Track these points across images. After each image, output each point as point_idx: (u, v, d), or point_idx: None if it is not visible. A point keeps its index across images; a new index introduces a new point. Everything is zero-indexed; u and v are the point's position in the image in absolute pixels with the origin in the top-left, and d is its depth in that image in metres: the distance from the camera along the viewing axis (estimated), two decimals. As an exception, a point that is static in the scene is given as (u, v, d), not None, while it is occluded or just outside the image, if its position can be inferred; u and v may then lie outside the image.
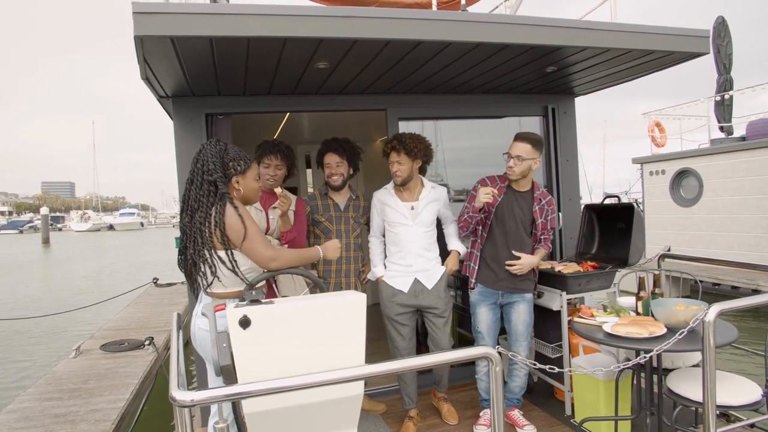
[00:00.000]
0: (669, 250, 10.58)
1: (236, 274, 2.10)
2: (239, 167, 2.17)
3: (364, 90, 3.69)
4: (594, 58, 3.07)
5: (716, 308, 1.97)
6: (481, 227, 3.09)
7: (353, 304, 1.72)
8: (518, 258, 3.02)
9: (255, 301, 1.67)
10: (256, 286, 2.17)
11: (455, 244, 3.33)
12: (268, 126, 5.64)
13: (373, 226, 3.37)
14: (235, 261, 2.09)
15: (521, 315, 3.10)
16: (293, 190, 7.28)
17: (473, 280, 3.13)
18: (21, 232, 53.59)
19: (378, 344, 4.88)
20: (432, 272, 3.21)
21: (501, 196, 3.04)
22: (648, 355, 2.15)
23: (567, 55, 2.96)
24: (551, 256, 4.32)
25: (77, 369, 4.40)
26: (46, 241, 36.56)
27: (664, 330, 2.33)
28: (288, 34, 2.27)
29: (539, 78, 3.61)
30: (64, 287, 16.13)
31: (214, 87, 3.22)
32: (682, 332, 2.13)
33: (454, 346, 4.08)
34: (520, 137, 2.93)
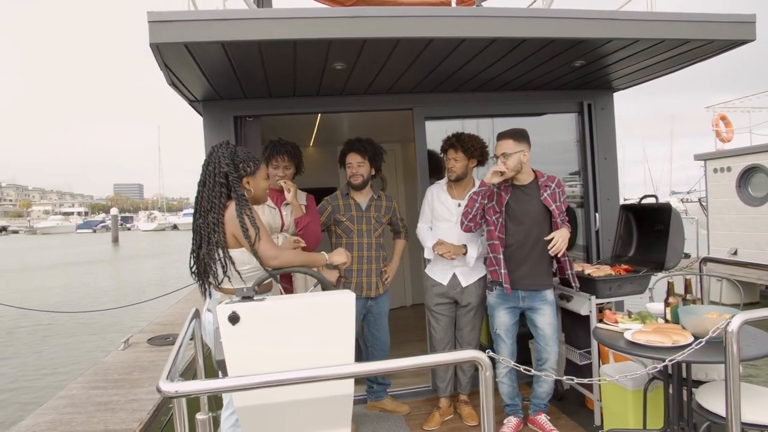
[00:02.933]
0: (735, 252, 9.90)
1: (254, 267, 2.15)
2: (249, 169, 2.22)
3: (389, 89, 3.68)
4: (623, 50, 2.91)
5: (741, 317, 1.81)
6: (497, 230, 3.00)
7: (341, 303, 1.72)
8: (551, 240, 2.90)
9: (247, 298, 1.71)
10: (264, 282, 2.23)
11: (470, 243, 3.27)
12: (304, 126, 5.73)
13: (422, 218, 3.47)
14: (258, 257, 2.14)
15: (547, 318, 3.00)
16: (332, 191, 7.40)
17: (493, 283, 3.06)
18: (94, 231, 57.58)
19: (413, 345, 4.89)
20: (470, 271, 3.28)
21: (508, 195, 2.97)
22: (660, 365, 2.01)
23: (592, 48, 2.82)
24: (587, 259, 4.14)
25: (124, 360, 4.67)
26: (115, 240, 39.04)
27: (690, 339, 2.17)
28: (296, 37, 2.30)
29: (570, 73, 3.46)
30: (130, 283, 17.17)
31: (239, 90, 3.32)
32: (700, 342, 1.97)
33: (484, 347, 4.01)
34: (500, 136, 2.96)
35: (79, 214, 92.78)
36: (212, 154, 2.21)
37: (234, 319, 1.64)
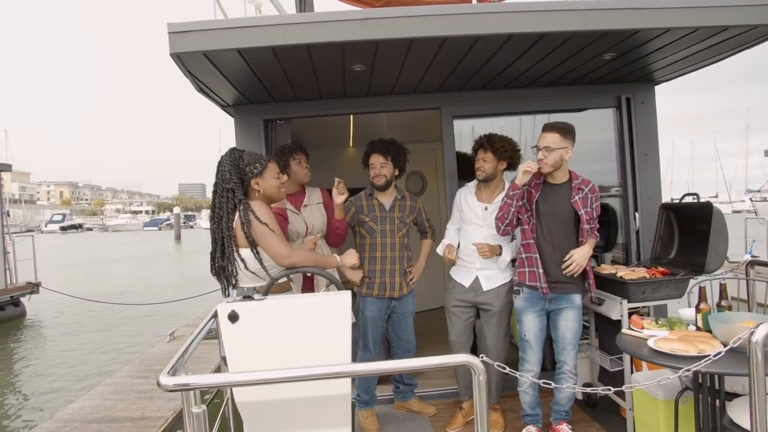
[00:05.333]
0: (811, 256, 9.08)
1: (262, 268, 2.22)
2: (255, 170, 2.28)
3: (415, 89, 3.67)
4: (655, 41, 2.75)
5: (767, 326, 1.67)
6: (527, 227, 2.91)
7: (337, 304, 1.74)
8: (568, 259, 2.81)
9: (248, 297, 1.76)
10: (279, 282, 2.30)
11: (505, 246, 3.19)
12: (341, 128, 5.80)
13: (451, 219, 3.48)
14: (260, 258, 2.22)
15: (569, 322, 2.89)
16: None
17: (520, 286, 2.97)
18: (160, 228, 60.80)
19: (446, 346, 4.83)
20: (494, 275, 3.22)
21: (538, 192, 2.86)
22: (674, 376, 1.89)
23: (619, 40, 2.69)
24: (626, 260, 3.96)
25: (168, 352, 4.92)
26: (177, 237, 41.09)
27: (719, 348, 2.03)
28: (307, 41, 2.34)
29: (603, 66, 3.31)
30: (190, 277, 18.03)
31: (266, 94, 3.42)
32: (720, 352, 1.84)
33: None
34: (547, 127, 2.79)
35: (146, 212, 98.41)
36: (220, 162, 2.30)
37: (233, 317, 1.70)
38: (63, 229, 59.21)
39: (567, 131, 2.78)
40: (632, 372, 3.06)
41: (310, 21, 2.33)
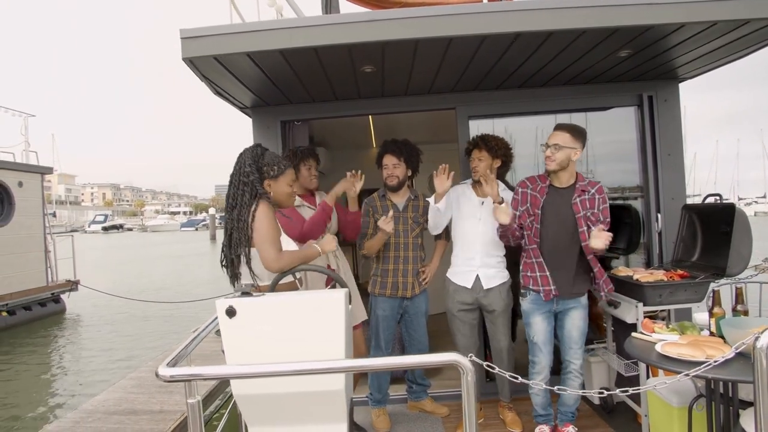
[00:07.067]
0: None
1: (250, 269, 2.25)
2: (272, 172, 2.30)
3: (429, 89, 3.67)
4: (672, 36, 2.67)
5: (774, 331, 1.61)
6: (533, 234, 2.87)
7: (332, 301, 1.77)
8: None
9: (246, 294, 1.81)
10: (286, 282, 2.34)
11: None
12: (362, 128, 5.84)
13: None
14: (249, 259, 2.23)
15: (575, 321, 2.86)
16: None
17: (527, 289, 2.93)
18: (196, 229, 62.37)
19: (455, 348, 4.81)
20: (493, 274, 3.22)
21: (544, 196, 2.82)
22: (672, 380, 1.83)
23: (631, 36, 2.62)
24: (647, 263, 3.84)
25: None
26: (213, 237, 41.98)
27: (730, 354, 1.95)
28: (314, 44, 2.39)
29: (620, 63, 3.23)
30: (222, 276, 18.46)
31: (282, 96, 3.49)
32: (718, 359, 1.77)
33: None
34: (558, 127, 2.79)
35: (184, 213, 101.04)
36: (241, 155, 2.33)
37: (231, 312, 1.76)
38: (105, 229, 61.48)
39: (578, 133, 2.78)
40: (648, 377, 2.98)
41: (315, 24, 2.37)
